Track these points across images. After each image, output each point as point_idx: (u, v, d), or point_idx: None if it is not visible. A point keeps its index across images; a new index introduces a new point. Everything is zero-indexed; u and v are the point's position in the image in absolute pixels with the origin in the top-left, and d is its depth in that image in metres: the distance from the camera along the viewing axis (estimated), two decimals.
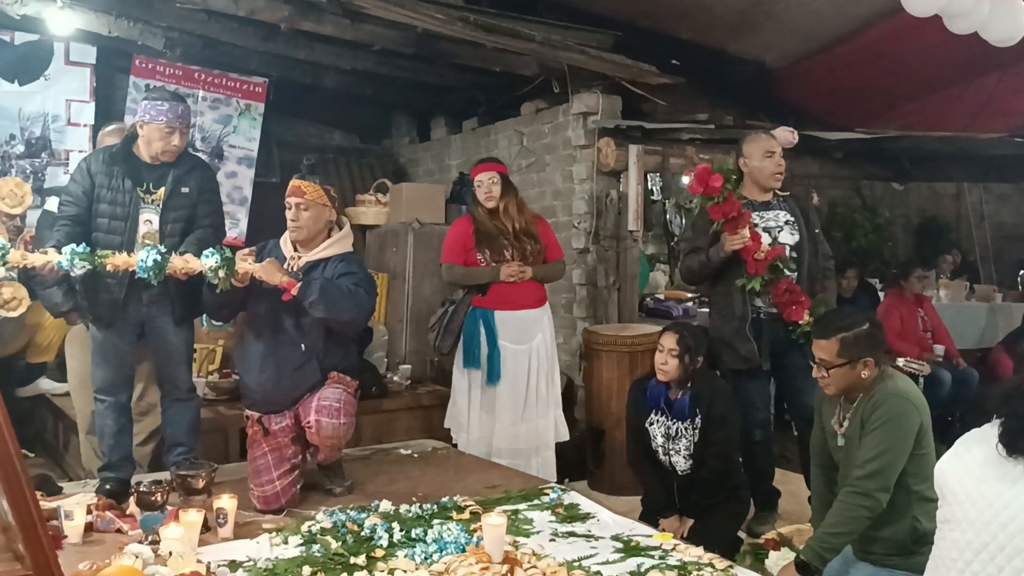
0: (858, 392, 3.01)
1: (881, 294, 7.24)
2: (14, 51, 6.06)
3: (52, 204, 4.41)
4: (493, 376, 4.57)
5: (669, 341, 3.81)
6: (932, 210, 10.12)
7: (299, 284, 3.47)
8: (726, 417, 3.84)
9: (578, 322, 5.97)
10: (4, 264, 3.28)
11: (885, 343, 3.09)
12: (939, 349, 6.50)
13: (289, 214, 3.67)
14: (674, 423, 3.85)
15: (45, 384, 5.40)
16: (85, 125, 6.16)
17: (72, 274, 3.41)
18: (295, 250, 3.71)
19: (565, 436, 4.84)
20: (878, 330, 3.07)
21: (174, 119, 3.67)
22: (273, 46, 6.12)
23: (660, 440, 3.90)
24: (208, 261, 3.42)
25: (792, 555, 3.17)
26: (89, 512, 3.19)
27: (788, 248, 4.22)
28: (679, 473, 3.88)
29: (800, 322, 4.10)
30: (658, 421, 3.90)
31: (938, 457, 2.24)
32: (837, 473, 3.11)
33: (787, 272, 4.16)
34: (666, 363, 3.81)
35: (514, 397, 4.60)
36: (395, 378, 5.65)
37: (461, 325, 4.61)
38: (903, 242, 9.77)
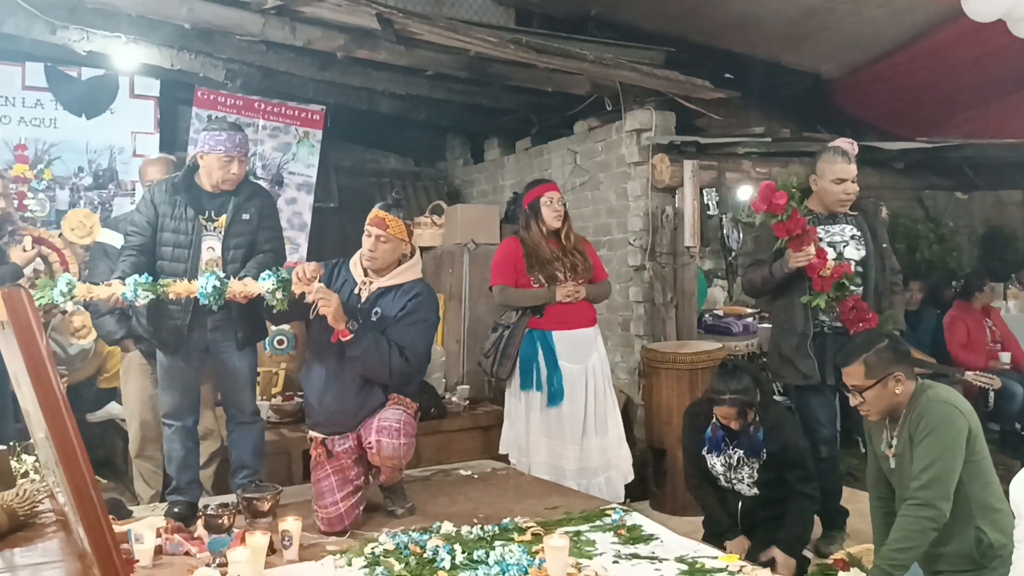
0: (900, 410, 2.99)
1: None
2: (81, 86, 6.27)
3: (104, 236, 4.52)
4: (557, 397, 4.50)
5: (728, 414, 3.68)
6: (997, 219, 9.86)
7: (351, 335, 3.49)
8: (799, 445, 3.77)
9: (636, 340, 5.93)
10: (72, 298, 3.36)
11: (909, 355, 3.09)
12: (1005, 357, 6.32)
13: (367, 242, 3.68)
14: (735, 452, 3.78)
15: (115, 409, 5.52)
16: None
17: (136, 304, 3.49)
18: (365, 275, 3.75)
19: (629, 475, 4.76)
20: (898, 344, 3.08)
21: (232, 148, 3.75)
22: (329, 74, 6.24)
23: (720, 469, 3.83)
24: (265, 284, 3.48)
25: None
26: (158, 535, 3.23)
27: (853, 263, 4.14)
28: (743, 496, 3.82)
29: None
30: (718, 449, 3.84)
31: (1013, 473, 2.18)
32: (894, 504, 3.06)
33: (852, 289, 4.09)
34: (737, 426, 3.71)
35: (574, 417, 4.54)
36: (453, 399, 5.67)
37: (519, 348, 4.56)
38: (967, 252, 9.55)
